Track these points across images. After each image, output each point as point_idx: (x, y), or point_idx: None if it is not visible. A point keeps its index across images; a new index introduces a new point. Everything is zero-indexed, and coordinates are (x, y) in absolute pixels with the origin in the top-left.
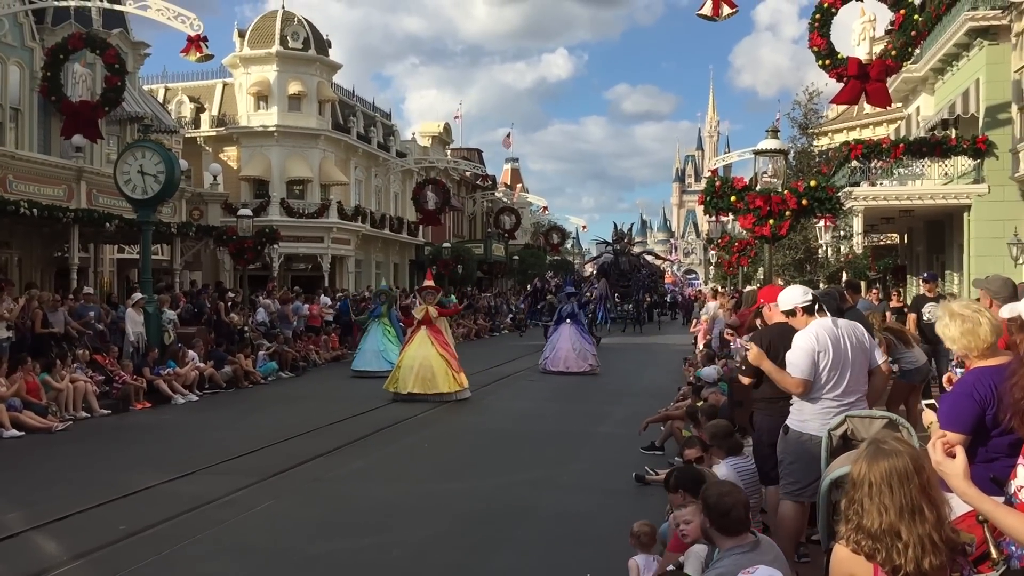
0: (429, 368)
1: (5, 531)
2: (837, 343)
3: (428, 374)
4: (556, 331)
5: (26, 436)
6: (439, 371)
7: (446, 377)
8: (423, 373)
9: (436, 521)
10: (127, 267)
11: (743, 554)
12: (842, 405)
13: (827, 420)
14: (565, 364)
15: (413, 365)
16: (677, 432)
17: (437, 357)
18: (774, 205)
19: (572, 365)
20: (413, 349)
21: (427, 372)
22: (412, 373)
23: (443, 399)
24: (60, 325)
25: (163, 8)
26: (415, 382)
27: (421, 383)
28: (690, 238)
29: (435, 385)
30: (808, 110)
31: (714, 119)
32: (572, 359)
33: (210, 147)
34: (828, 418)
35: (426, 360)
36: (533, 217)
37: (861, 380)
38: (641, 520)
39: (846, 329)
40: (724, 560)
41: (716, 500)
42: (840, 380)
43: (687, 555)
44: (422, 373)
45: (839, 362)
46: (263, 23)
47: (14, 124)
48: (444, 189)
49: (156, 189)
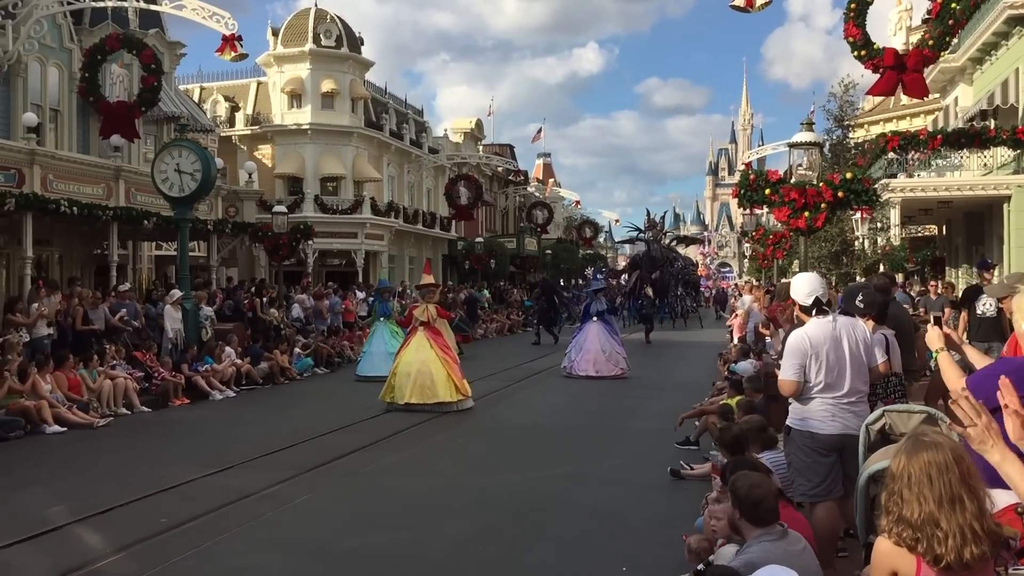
0: (428, 375)
1: (49, 524)
2: (835, 344)
3: (427, 381)
4: (582, 330)
5: (68, 432)
6: (439, 378)
7: (447, 385)
8: (421, 380)
9: (472, 515)
10: (165, 264)
11: (772, 541)
12: (841, 405)
13: (826, 419)
14: (595, 368)
15: (410, 372)
16: (712, 428)
17: (437, 362)
18: (809, 197)
19: (602, 368)
20: (410, 354)
21: (426, 379)
22: (410, 381)
23: (443, 409)
24: (100, 322)
25: (198, 8)
26: (413, 391)
27: (419, 392)
28: (724, 231)
29: (435, 393)
30: (844, 102)
31: (747, 112)
32: (601, 362)
33: (245, 145)
34: (828, 417)
35: (424, 366)
36: (565, 211)
37: (862, 379)
38: (697, 535)
39: (846, 328)
40: (753, 547)
41: (747, 491)
42: (839, 380)
43: (717, 555)
44: (420, 380)
45: (837, 362)
46: (296, 21)
47: (54, 124)
48: (476, 184)
49: (193, 187)
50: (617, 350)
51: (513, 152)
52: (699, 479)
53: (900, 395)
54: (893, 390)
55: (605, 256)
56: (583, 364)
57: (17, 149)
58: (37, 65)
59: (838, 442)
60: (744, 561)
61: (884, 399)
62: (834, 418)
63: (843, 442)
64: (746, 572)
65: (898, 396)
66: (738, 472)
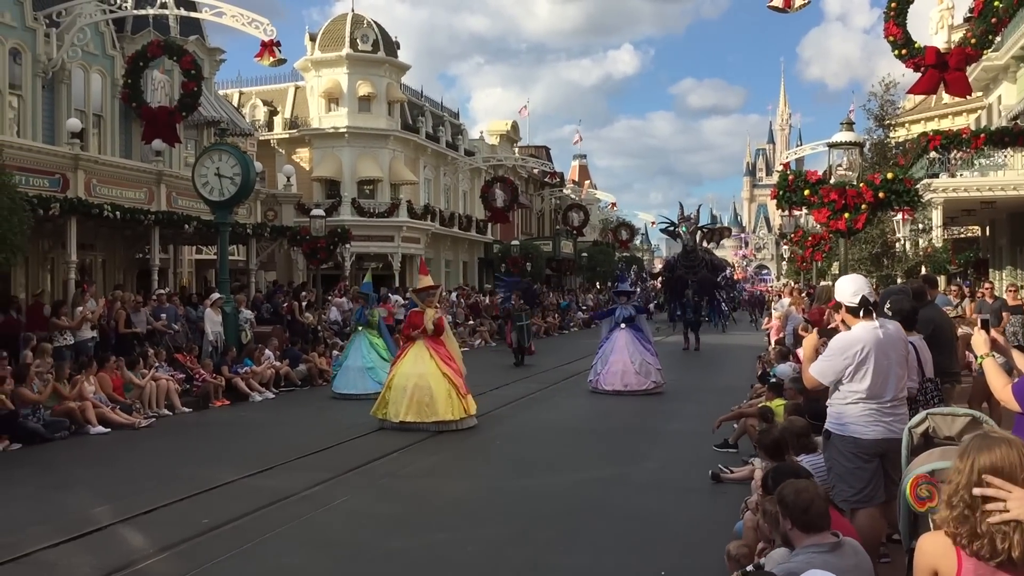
0: (426, 390)
1: (94, 524)
2: (881, 350)
3: (425, 398)
4: (608, 339)
5: (112, 432)
6: (439, 394)
7: (448, 401)
8: (419, 396)
9: (510, 518)
10: (204, 268)
11: (819, 553)
12: (884, 409)
13: (869, 424)
14: (623, 381)
15: (406, 386)
16: (751, 430)
17: (437, 376)
18: (850, 198)
19: (631, 382)
20: (407, 366)
21: (424, 395)
22: (405, 396)
23: (442, 428)
24: (142, 325)
25: (237, 15)
26: (409, 408)
27: (416, 409)
28: (761, 233)
29: (434, 411)
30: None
31: (785, 112)
32: (631, 374)
33: (283, 149)
34: (870, 422)
35: (423, 380)
36: (601, 213)
37: (904, 384)
38: (736, 541)
39: (892, 334)
40: (799, 557)
41: (794, 497)
42: (884, 386)
43: (767, 558)
44: (418, 396)
45: (883, 368)
46: (333, 26)
47: (97, 130)
48: (512, 187)
49: (232, 191)
50: (649, 360)
51: (549, 154)
52: (739, 482)
53: (937, 400)
54: (930, 396)
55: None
56: (609, 378)
57: (61, 154)
58: (81, 72)
59: (881, 447)
60: (786, 570)
61: (923, 404)
62: (876, 423)
63: (885, 446)
64: None
65: (936, 401)
66: (784, 481)
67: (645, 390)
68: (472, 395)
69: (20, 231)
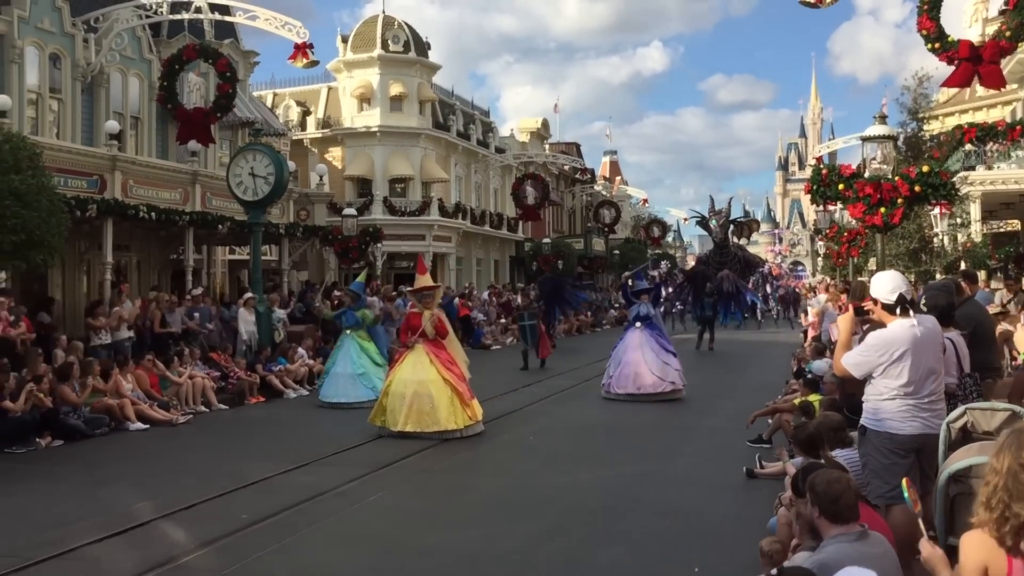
0: (427, 397)
1: (136, 519)
2: (918, 347)
3: (426, 406)
4: (622, 340)
5: (150, 429)
6: (441, 401)
7: (450, 409)
8: (419, 404)
9: (543, 514)
10: (238, 268)
11: (849, 542)
12: (921, 404)
13: (906, 419)
14: (635, 384)
15: (405, 393)
16: (786, 426)
17: (439, 383)
18: (885, 192)
19: (645, 385)
20: (405, 372)
21: (424, 403)
22: (404, 404)
23: (445, 437)
24: (177, 325)
25: (271, 18)
26: (408, 416)
27: (416, 418)
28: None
29: (435, 420)
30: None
31: (817, 106)
32: (645, 377)
33: (316, 148)
34: (907, 417)
35: (423, 387)
36: (633, 210)
37: (941, 380)
38: (769, 537)
39: (929, 331)
40: (829, 547)
41: (825, 487)
42: (921, 382)
43: (792, 560)
44: (417, 404)
45: (920, 364)
46: (365, 28)
47: (134, 132)
48: (543, 184)
49: (266, 190)
50: (667, 360)
51: (579, 150)
52: (773, 478)
53: (976, 395)
54: (969, 391)
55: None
56: (622, 380)
57: (100, 156)
58: (118, 75)
59: (917, 442)
60: (817, 562)
61: (962, 400)
62: (913, 418)
63: (922, 442)
64: (820, 573)
65: (974, 396)
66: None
67: (662, 393)
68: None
69: (58, 232)
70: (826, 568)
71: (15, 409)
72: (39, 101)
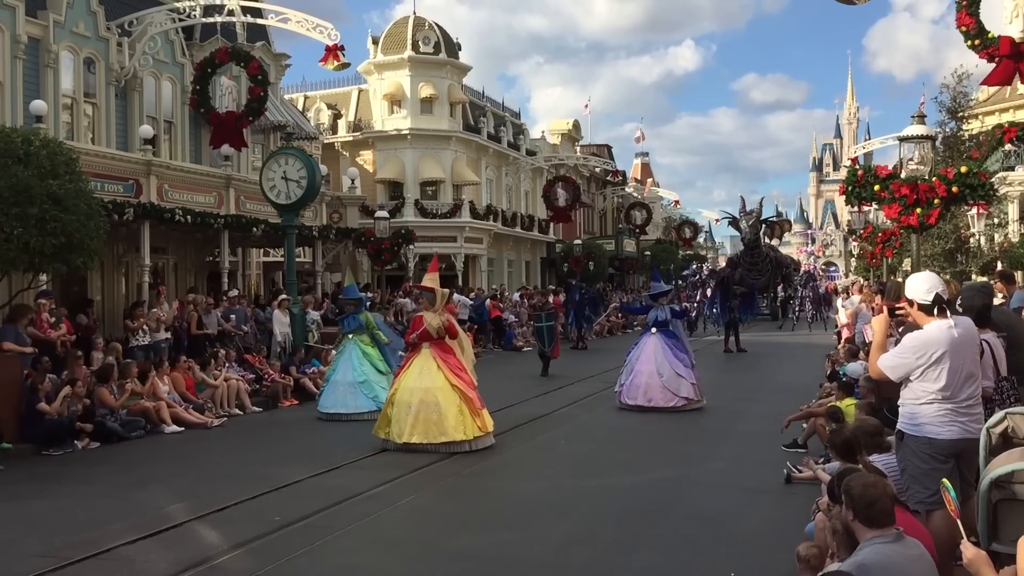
0: (434, 407)
1: (171, 521)
2: (956, 349)
3: (433, 415)
4: (636, 346)
5: (186, 431)
6: (449, 411)
7: (459, 419)
8: (425, 414)
9: (576, 517)
10: (272, 270)
11: (886, 544)
12: (960, 409)
13: (944, 424)
14: (646, 395)
15: (411, 402)
16: (821, 430)
17: (447, 391)
18: (922, 193)
19: (656, 397)
20: (410, 379)
21: (431, 413)
22: (410, 414)
23: (452, 450)
24: (214, 327)
25: (302, 20)
26: (413, 427)
27: (423, 428)
28: (829, 229)
29: (443, 431)
30: (957, 93)
31: (853, 105)
32: (656, 388)
33: (347, 152)
34: (945, 422)
35: (429, 395)
36: (664, 212)
37: (979, 383)
38: (806, 543)
39: (966, 332)
40: (865, 549)
41: (861, 491)
42: (960, 385)
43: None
44: (424, 414)
45: (959, 368)
46: (395, 30)
47: (168, 136)
48: (574, 186)
49: (299, 194)
50: (680, 372)
51: (611, 152)
52: (809, 483)
53: (1014, 399)
54: (1006, 395)
55: (705, 256)
56: (632, 390)
57: (134, 160)
58: (152, 80)
59: (957, 447)
60: (855, 563)
61: (999, 404)
62: (952, 423)
63: (961, 446)
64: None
65: (1012, 400)
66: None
67: (672, 407)
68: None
69: (97, 236)
70: (864, 570)
71: (52, 412)
72: (74, 106)
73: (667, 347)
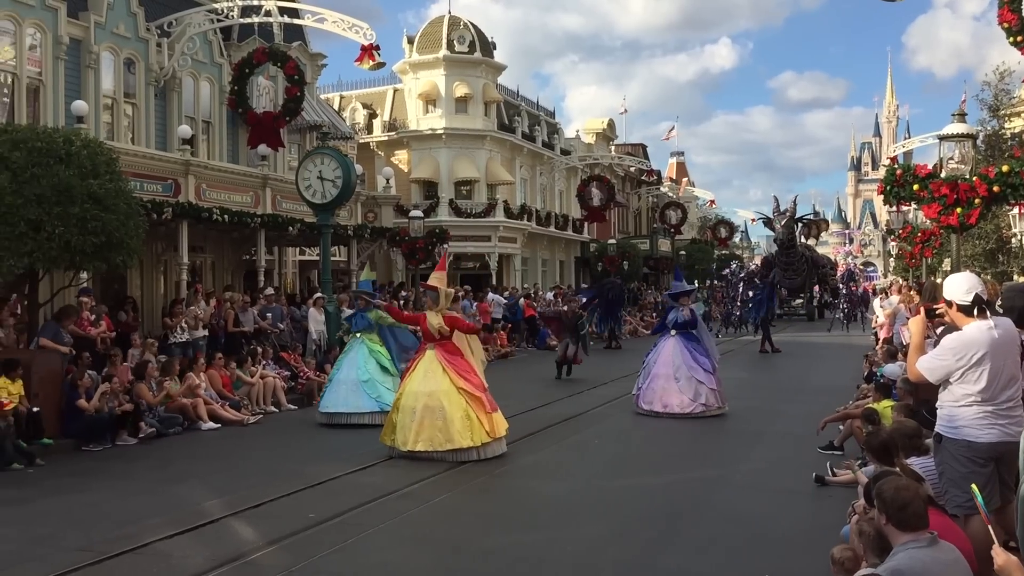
0: (439, 412)
1: (207, 517)
2: (997, 351)
3: (438, 420)
4: (655, 348)
5: (222, 428)
6: (455, 415)
7: (465, 424)
8: (430, 420)
9: (608, 517)
10: (308, 268)
11: (920, 548)
12: (999, 412)
13: (984, 427)
14: (662, 402)
15: (415, 407)
16: (858, 432)
17: (452, 394)
18: (962, 193)
19: (672, 403)
20: (415, 382)
21: (436, 418)
22: (414, 420)
23: (460, 458)
24: (250, 324)
25: (339, 20)
26: (418, 434)
27: (428, 435)
28: (867, 229)
29: (448, 437)
30: (999, 90)
31: (892, 103)
32: (672, 394)
33: (382, 151)
34: (985, 424)
35: (434, 399)
36: (700, 211)
37: (1020, 385)
38: (841, 545)
39: (1007, 333)
40: (900, 554)
41: (893, 494)
42: (1000, 388)
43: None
44: (429, 420)
45: (999, 370)
46: (431, 29)
47: (206, 136)
48: (608, 185)
49: (334, 193)
50: (699, 378)
51: (645, 151)
52: (844, 486)
53: None
54: None
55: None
56: (648, 395)
57: (173, 160)
58: (190, 80)
59: (996, 450)
60: (890, 568)
61: None
62: (991, 425)
63: (1001, 450)
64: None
65: None
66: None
67: (690, 414)
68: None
69: (136, 235)
70: (899, 574)
71: (90, 408)
72: (114, 106)
73: (686, 350)
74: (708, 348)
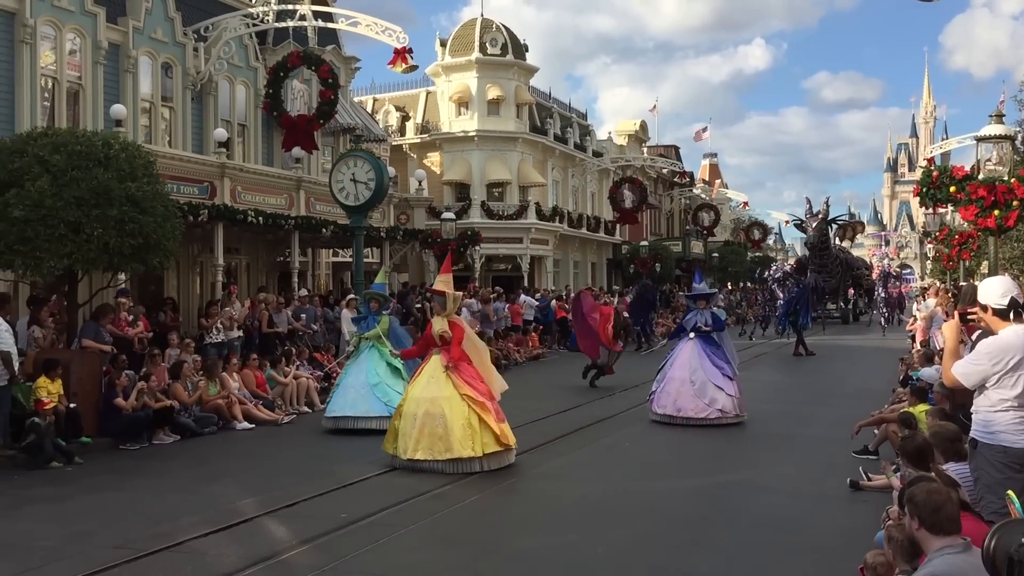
0: (440, 419)
1: (241, 516)
2: None
3: (438, 428)
4: (673, 352)
5: (256, 428)
6: (455, 424)
7: (466, 432)
8: (431, 427)
9: (638, 521)
10: (341, 270)
11: (955, 554)
12: None
13: (1020, 431)
14: (675, 406)
15: (416, 413)
16: (893, 437)
17: (454, 400)
18: (1000, 195)
19: (687, 407)
20: (418, 388)
21: (436, 426)
22: (415, 426)
23: (461, 469)
24: (284, 325)
25: (372, 23)
26: (418, 441)
27: (428, 443)
28: (904, 231)
29: (448, 446)
30: None
31: (930, 104)
32: (687, 398)
33: (415, 154)
34: (1021, 429)
35: (435, 406)
36: (733, 213)
37: None
38: (874, 550)
39: None
40: (935, 560)
41: (925, 497)
42: None
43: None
44: (429, 427)
45: None
46: (463, 31)
47: (241, 139)
48: (641, 187)
49: (367, 196)
50: (717, 383)
51: (678, 153)
52: (879, 490)
53: None
54: None
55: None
56: (663, 399)
57: (209, 163)
58: (226, 84)
59: None
60: (927, 574)
61: None
62: None
63: None
64: None
65: None
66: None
67: (704, 419)
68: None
69: (173, 237)
70: None
71: (127, 407)
72: (152, 110)
73: (704, 354)
74: (728, 353)
